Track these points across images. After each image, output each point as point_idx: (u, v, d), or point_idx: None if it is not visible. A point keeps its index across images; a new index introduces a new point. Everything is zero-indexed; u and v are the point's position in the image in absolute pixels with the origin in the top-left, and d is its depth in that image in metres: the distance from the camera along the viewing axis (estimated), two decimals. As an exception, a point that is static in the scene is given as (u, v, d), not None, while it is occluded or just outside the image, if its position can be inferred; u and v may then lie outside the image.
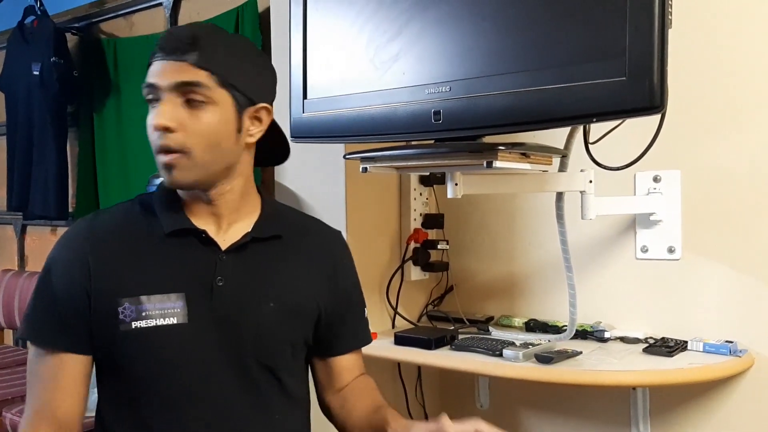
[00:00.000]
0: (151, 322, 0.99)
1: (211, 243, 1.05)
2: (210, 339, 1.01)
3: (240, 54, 1.05)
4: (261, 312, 1.05)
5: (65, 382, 1.01)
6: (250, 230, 1.08)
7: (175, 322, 1.00)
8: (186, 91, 0.99)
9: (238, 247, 1.06)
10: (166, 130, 0.98)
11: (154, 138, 0.99)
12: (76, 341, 1.01)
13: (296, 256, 1.12)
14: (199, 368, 1.01)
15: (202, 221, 1.07)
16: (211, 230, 1.06)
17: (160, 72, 0.99)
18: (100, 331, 1.01)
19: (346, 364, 1.18)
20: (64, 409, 1.00)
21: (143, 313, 0.99)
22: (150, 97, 1.00)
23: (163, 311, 0.99)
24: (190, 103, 0.99)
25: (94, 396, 1.08)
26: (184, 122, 0.99)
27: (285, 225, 1.13)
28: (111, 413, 1.04)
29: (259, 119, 1.07)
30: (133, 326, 0.98)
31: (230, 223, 1.08)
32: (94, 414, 1.08)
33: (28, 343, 1.04)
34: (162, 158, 1.00)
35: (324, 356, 1.17)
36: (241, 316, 1.03)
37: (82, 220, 1.09)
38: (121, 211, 1.10)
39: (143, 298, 0.99)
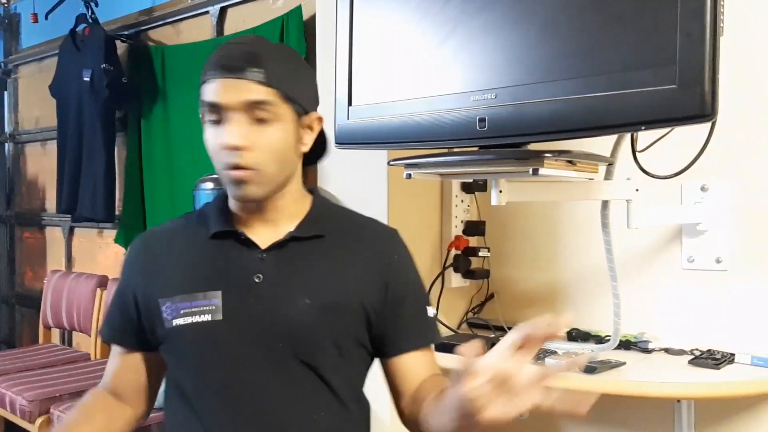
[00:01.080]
0: (188, 320, 1.03)
1: (251, 244, 1.08)
2: (246, 335, 1.04)
3: (294, 66, 1.07)
4: (295, 308, 1.05)
5: (127, 375, 1.12)
6: (292, 230, 1.10)
7: (210, 318, 1.03)
8: (253, 109, 1.00)
9: (278, 246, 1.08)
10: (237, 149, 0.99)
11: (221, 156, 1.01)
12: (135, 340, 1.11)
13: (341, 254, 1.12)
14: (235, 363, 1.04)
15: (248, 224, 1.10)
16: (255, 232, 1.09)
17: (224, 91, 1.00)
18: (152, 330, 1.08)
19: (412, 366, 1.13)
20: (122, 390, 1.13)
21: (182, 311, 1.04)
22: (213, 117, 1.01)
23: (199, 309, 1.04)
24: (258, 121, 1.01)
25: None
26: (254, 140, 1.01)
27: (331, 225, 1.14)
28: (171, 403, 1.10)
29: (311, 128, 1.10)
30: (174, 324, 1.04)
31: (276, 225, 1.10)
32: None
33: None
34: (233, 174, 1.01)
35: (386, 357, 1.14)
36: (275, 312, 1.05)
37: (149, 228, 1.19)
38: (183, 218, 1.17)
39: (182, 296, 1.05)
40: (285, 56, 1.07)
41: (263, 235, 1.09)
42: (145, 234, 1.17)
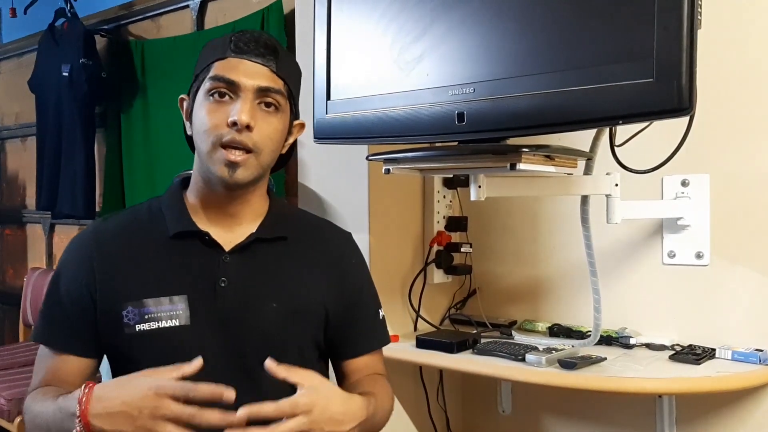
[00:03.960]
0: (154, 325, 1.01)
1: (214, 245, 1.06)
2: (213, 340, 1.02)
3: (297, 69, 1.13)
4: (264, 312, 1.05)
5: (67, 382, 1.03)
6: (254, 231, 1.08)
7: (177, 324, 1.01)
8: (265, 95, 1.03)
9: (241, 248, 1.07)
10: (248, 127, 1.00)
11: (220, 133, 1.01)
12: (81, 345, 1.05)
13: (302, 258, 1.12)
14: (203, 369, 1.00)
15: (208, 223, 1.08)
16: (217, 232, 1.07)
17: (244, 71, 1.02)
18: (107, 334, 1.03)
19: (361, 366, 1.17)
20: None
21: (146, 316, 1.01)
22: (222, 90, 1.02)
23: (165, 314, 1.01)
24: (265, 106, 1.04)
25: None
26: (259, 123, 1.03)
27: (292, 226, 1.14)
28: None
29: (292, 132, 1.13)
30: (137, 329, 1.00)
31: (239, 224, 1.09)
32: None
33: None
34: (228, 155, 1.01)
35: (338, 359, 1.16)
36: (243, 317, 1.03)
37: (91, 224, 1.12)
38: (130, 214, 1.13)
39: (146, 301, 1.01)
40: (292, 58, 1.12)
41: (225, 234, 1.08)
42: (91, 230, 1.10)
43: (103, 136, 3.06)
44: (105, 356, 1.09)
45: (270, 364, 0.95)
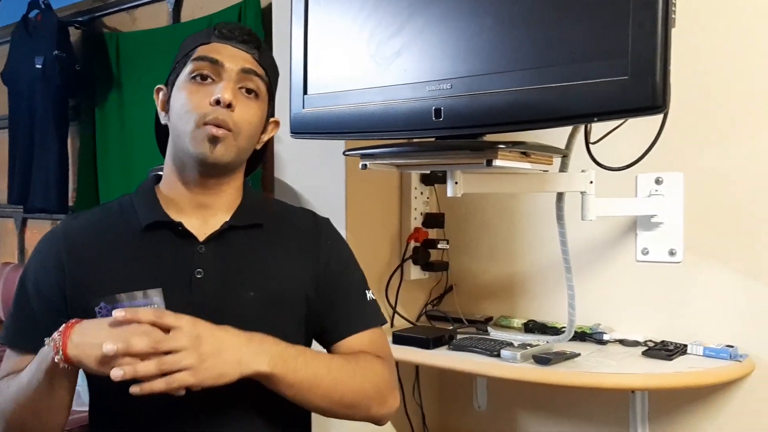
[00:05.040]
0: None
1: (188, 235, 1.05)
2: None
3: (276, 69, 1.15)
4: (241, 302, 1.03)
5: None
6: (228, 219, 1.08)
7: None
8: (248, 79, 1.06)
9: (216, 237, 1.05)
10: (229, 106, 1.02)
11: (206, 111, 1.02)
12: None
13: (278, 244, 1.11)
14: None
15: (181, 214, 1.07)
16: (190, 222, 1.06)
17: (228, 55, 1.05)
18: None
19: (351, 349, 1.12)
20: None
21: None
22: (205, 72, 1.04)
23: (139, 307, 0.97)
24: (246, 92, 1.06)
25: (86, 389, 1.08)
26: (240, 105, 1.04)
27: (267, 213, 1.13)
28: (103, 408, 1.05)
29: (266, 130, 1.14)
30: None
31: (213, 214, 1.08)
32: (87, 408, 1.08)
33: None
34: (211, 130, 1.01)
35: (328, 344, 1.14)
36: (221, 308, 1.02)
37: (61, 221, 1.10)
38: (102, 211, 1.11)
39: (119, 296, 0.99)
40: (271, 55, 1.14)
41: (199, 225, 1.07)
42: (60, 227, 1.08)
43: (77, 130, 3.02)
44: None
45: (118, 313, 0.90)
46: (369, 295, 1.18)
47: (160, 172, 1.13)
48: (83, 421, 1.07)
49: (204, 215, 1.08)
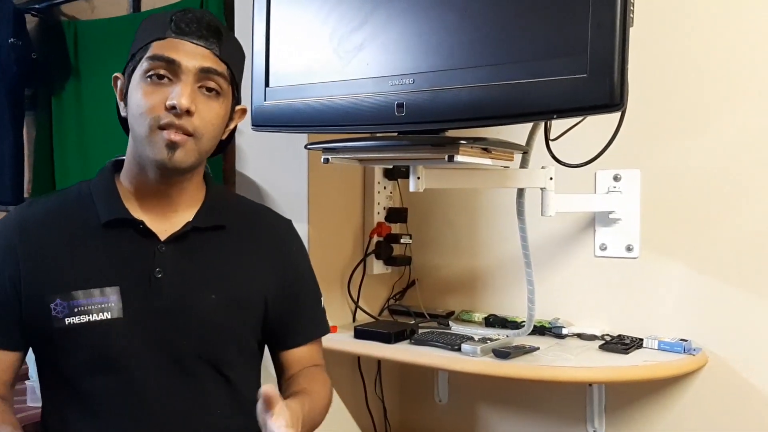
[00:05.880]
0: (84, 318, 0.96)
1: (149, 234, 1.02)
2: (148, 334, 0.98)
3: (241, 54, 1.09)
4: (202, 304, 1.02)
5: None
6: (191, 220, 1.05)
7: (109, 317, 0.97)
8: (207, 78, 1.00)
9: (177, 238, 1.03)
10: (188, 112, 0.97)
11: (160, 115, 0.96)
12: (5, 339, 1.00)
13: (241, 247, 1.09)
14: (136, 363, 0.97)
15: (142, 211, 1.04)
16: (151, 220, 1.03)
17: (185, 52, 0.99)
18: (35, 327, 0.98)
19: (302, 356, 1.15)
20: None
21: (75, 309, 0.96)
22: (161, 72, 0.98)
23: (96, 306, 0.96)
24: (206, 91, 1.00)
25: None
26: (200, 108, 0.99)
27: (230, 214, 1.11)
28: (55, 405, 1.02)
29: (233, 118, 1.11)
30: (67, 323, 0.96)
31: (174, 211, 1.05)
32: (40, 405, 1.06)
33: None
34: (169, 135, 0.96)
35: (278, 349, 1.15)
36: (180, 309, 1.00)
37: (14, 209, 1.06)
38: (58, 199, 1.06)
39: (76, 293, 0.96)
40: (235, 39, 1.08)
41: (160, 223, 1.04)
42: (15, 216, 1.04)
43: (33, 119, 2.94)
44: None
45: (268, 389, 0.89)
46: (321, 303, 1.20)
47: (122, 159, 1.09)
48: (36, 417, 1.04)
49: (165, 212, 1.05)
